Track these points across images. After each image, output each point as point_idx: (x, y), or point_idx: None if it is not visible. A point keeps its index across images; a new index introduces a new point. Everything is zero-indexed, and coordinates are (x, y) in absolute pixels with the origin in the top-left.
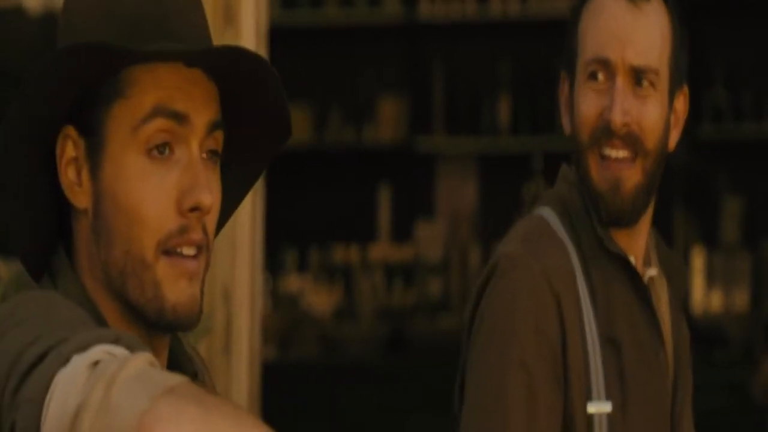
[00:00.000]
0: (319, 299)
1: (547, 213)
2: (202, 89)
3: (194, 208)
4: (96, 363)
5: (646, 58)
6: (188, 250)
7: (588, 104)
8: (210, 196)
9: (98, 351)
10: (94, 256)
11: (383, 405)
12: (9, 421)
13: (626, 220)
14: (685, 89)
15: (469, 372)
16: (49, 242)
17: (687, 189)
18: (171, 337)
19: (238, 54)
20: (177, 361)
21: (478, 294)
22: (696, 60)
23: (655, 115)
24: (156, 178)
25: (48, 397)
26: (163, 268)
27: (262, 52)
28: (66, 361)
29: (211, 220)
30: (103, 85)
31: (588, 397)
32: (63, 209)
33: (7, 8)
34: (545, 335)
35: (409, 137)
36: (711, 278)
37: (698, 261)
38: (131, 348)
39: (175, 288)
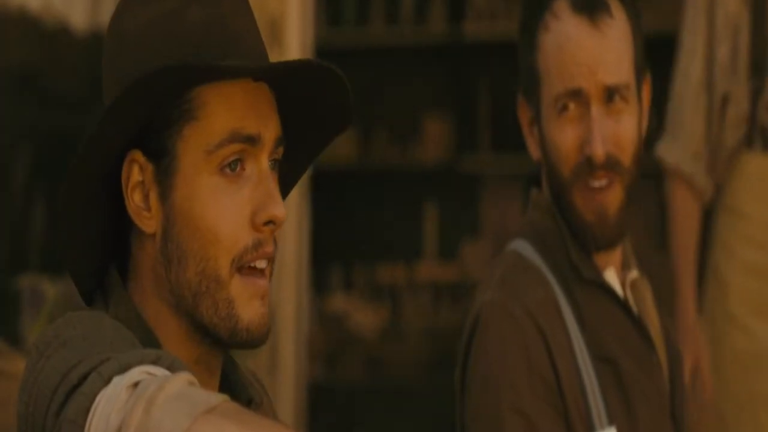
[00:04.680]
0: (365, 318)
1: (521, 246)
2: (268, 103)
3: (269, 222)
4: (136, 384)
5: (618, 75)
6: (260, 263)
7: (565, 138)
8: (283, 209)
9: (138, 371)
10: (162, 279)
11: (429, 425)
12: None
13: (615, 243)
14: (647, 75)
15: (468, 428)
16: (102, 263)
17: None
18: (227, 362)
19: (313, 66)
20: (230, 387)
21: (465, 348)
22: None
23: (630, 128)
24: (229, 196)
25: (89, 417)
26: (236, 286)
27: None
28: (107, 382)
29: (279, 230)
30: (172, 107)
31: (590, 427)
32: (118, 231)
33: (53, 29)
34: (538, 375)
35: (455, 156)
36: None
37: None
38: (171, 368)
39: (248, 307)
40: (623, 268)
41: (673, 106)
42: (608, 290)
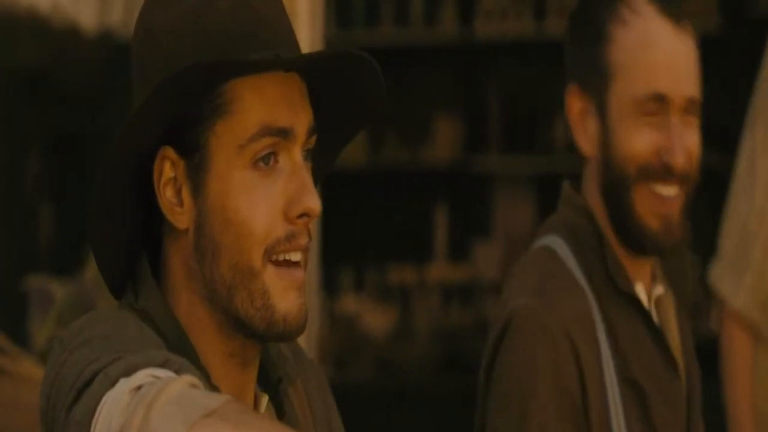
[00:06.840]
0: (376, 320)
1: (555, 242)
2: (300, 94)
3: (303, 215)
4: (140, 387)
5: (696, 87)
6: (295, 256)
7: (642, 140)
8: (318, 201)
9: (143, 374)
10: (196, 273)
11: (439, 426)
12: None
13: (675, 251)
14: None
15: None
16: (132, 259)
17: None
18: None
19: (343, 56)
20: (264, 367)
21: (492, 351)
22: None
23: (698, 141)
24: (263, 190)
25: (94, 419)
26: (270, 276)
27: None
28: (113, 383)
29: (313, 222)
30: (204, 102)
31: None
32: (149, 227)
33: (62, 29)
34: (566, 390)
35: (465, 157)
36: None
37: None
38: (178, 371)
39: (285, 298)
40: (652, 280)
41: (735, 236)
42: (639, 306)
